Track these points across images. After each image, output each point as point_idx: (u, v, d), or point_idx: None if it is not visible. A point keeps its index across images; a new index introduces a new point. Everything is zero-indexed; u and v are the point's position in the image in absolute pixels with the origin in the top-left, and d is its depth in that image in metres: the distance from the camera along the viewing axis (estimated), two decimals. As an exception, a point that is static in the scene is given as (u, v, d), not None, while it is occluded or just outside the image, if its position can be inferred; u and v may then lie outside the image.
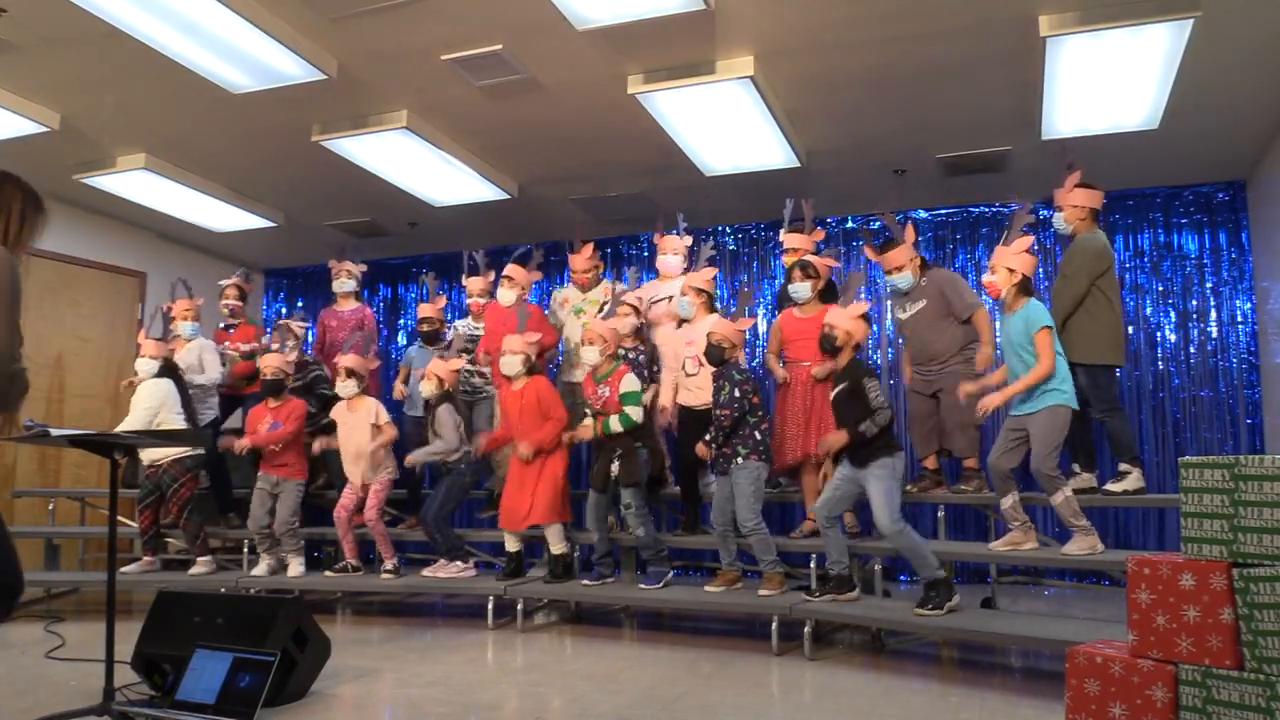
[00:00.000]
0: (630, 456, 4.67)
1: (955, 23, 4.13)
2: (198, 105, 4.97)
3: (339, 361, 5.39)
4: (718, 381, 4.52)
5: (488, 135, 5.48)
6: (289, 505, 5.32)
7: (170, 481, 5.24)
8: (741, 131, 5.09)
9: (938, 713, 3.18)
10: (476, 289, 5.95)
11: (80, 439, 3.15)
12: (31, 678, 3.70)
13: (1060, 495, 3.95)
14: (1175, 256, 6.25)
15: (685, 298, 5.02)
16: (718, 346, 4.51)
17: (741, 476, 4.38)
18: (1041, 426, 3.95)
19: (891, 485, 3.97)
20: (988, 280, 4.17)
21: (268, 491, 5.36)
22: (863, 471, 4.02)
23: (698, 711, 3.19)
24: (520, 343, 5.01)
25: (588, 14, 3.94)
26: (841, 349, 4.17)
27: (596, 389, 4.83)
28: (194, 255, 7.62)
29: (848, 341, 4.16)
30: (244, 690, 3.02)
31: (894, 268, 4.78)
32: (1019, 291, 4.05)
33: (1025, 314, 4.00)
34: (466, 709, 3.25)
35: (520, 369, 4.97)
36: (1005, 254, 4.10)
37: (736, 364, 4.55)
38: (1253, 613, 2.09)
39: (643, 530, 4.73)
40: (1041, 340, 3.93)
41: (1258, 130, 5.29)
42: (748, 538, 4.42)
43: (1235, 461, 2.18)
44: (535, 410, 4.93)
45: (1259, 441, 5.86)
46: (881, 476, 3.97)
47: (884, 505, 3.92)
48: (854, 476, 4.08)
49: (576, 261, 5.68)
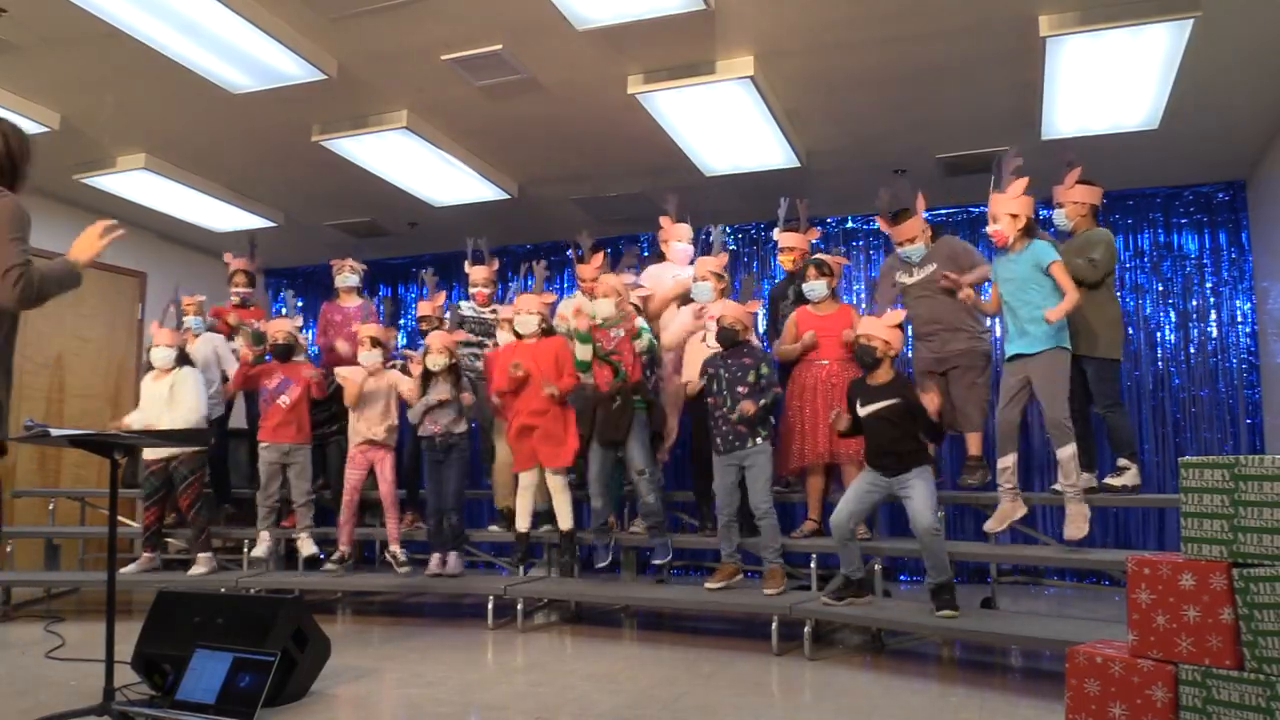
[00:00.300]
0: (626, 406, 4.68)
1: (955, 23, 4.14)
2: (198, 105, 4.97)
3: (360, 331, 5.32)
4: (747, 360, 4.47)
5: (488, 135, 5.48)
6: (306, 473, 5.30)
7: (186, 474, 5.20)
8: (741, 131, 5.10)
9: (938, 713, 3.18)
10: (480, 278, 5.84)
11: (80, 439, 3.14)
12: (31, 678, 3.70)
13: (1069, 449, 3.93)
14: (1175, 256, 6.25)
15: (706, 283, 4.94)
16: (730, 329, 4.48)
17: (760, 459, 4.37)
18: (1046, 373, 3.91)
19: (933, 486, 3.94)
20: (992, 230, 4.08)
21: (278, 462, 5.30)
22: (897, 479, 3.93)
23: (698, 711, 3.19)
24: (537, 302, 5.02)
25: (588, 14, 3.95)
26: (881, 361, 3.98)
27: (608, 332, 4.85)
28: (194, 255, 7.62)
29: (887, 353, 3.97)
30: (244, 690, 3.01)
31: (906, 239, 4.66)
32: (1023, 232, 4.02)
33: (1033, 251, 3.96)
34: (467, 709, 3.25)
35: (536, 329, 4.99)
36: (1004, 200, 4.02)
37: (757, 347, 4.57)
38: (1253, 613, 2.09)
39: (653, 497, 4.74)
40: (1058, 271, 3.88)
41: (1258, 130, 5.29)
42: (761, 520, 4.39)
43: (1235, 461, 2.18)
44: (553, 366, 4.90)
45: (1259, 441, 5.86)
46: (925, 478, 3.89)
47: (929, 507, 3.83)
48: (884, 485, 3.98)
49: (585, 270, 5.54)
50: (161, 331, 5.32)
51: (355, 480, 5.25)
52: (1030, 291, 3.97)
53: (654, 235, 7.32)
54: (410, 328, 7.95)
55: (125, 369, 7.16)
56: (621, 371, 4.75)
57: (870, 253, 6.96)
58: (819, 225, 6.87)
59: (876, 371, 4.00)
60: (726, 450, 4.46)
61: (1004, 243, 4.06)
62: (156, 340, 5.29)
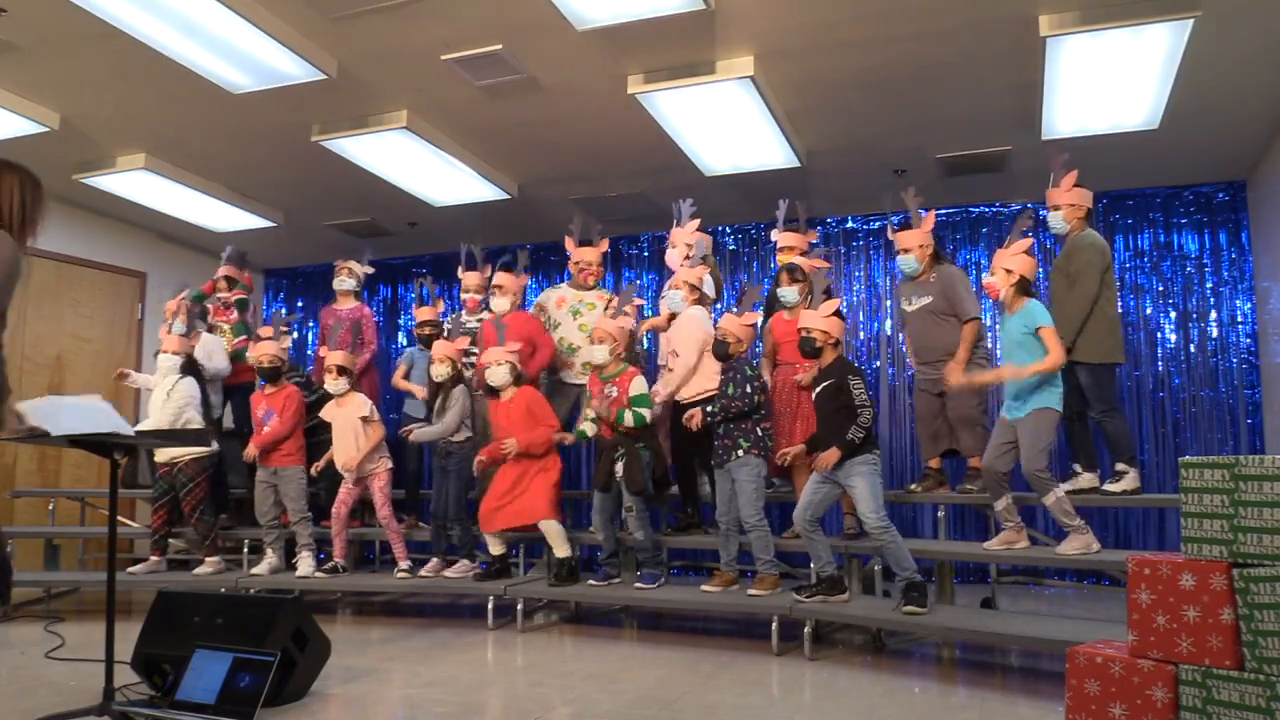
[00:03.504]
0: (634, 459, 4.66)
1: (955, 23, 4.13)
2: (198, 105, 4.96)
3: (327, 359, 5.34)
4: (726, 374, 4.50)
5: (488, 135, 5.48)
6: (296, 493, 5.29)
7: (186, 481, 5.22)
8: (741, 131, 5.09)
9: (938, 713, 3.18)
10: (472, 284, 5.83)
11: (80, 439, 3.14)
12: (31, 678, 3.70)
13: (1052, 496, 3.96)
14: (1175, 256, 6.25)
15: (679, 291, 4.93)
16: (723, 341, 4.50)
17: (743, 473, 4.37)
18: (1029, 430, 3.96)
19: (875, 481, 4.00)
20: (987, 281, 4.17)
21: (269, 484, 5.32)
22: (842, 471, 4.03)
23: (698, 711, 3.19)
24: (502, 353, 4.97)
25: (588, 14, 3.94)
26: (822, 349, 4.21)
27: (603, 388, 4.80)
28: (194, 255, 7.62)
29: (826, 341, 4.20)
30: (244, 690, 3.01)
31: (902, 249, 4.77)
32: (1018, 291, 4.07)
33: (1025, 313, 4.01)
34: (467, 709, 3.25)
35: (508, 378, 4.95)
36: (1003, 256, 4.12)
37: (747, 360, 4.56)
38: (1253, 613, 2.09)
39: (642, 534, 4.73)
40: (1047, 335, 3.94)
41: (1258, 130, 5.29)
42: (749, 534, 4.42)
43: (1235, 461, 2.18)
44: (524, 420, 4.90)
45: (1259, 441, 5.86)
46: (865, 473, 3.99)
47: (870, 500, 3.94)
48: (833, 477, 4.08)
49: (588, 254, 5.53)
50: (169, 338, 5.37)
51: (345, 495, 5.27)
52: (1018, 354, 4.00)
53: (653, 236, 7.37)
54: (410, 327, 7.94)
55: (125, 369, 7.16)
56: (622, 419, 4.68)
57: (870, 253, 6.96)
58: (817, 226, 6.91)
59: (820, 358, 4.25)
60: (716, 464, 4.53)
61: (995, 295, 4.14)
62: (164, 346, 5.37)
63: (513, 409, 4.94)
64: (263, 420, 5.34)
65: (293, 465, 5.32)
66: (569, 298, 5.59)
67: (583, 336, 5.36)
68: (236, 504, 5.98)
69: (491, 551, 5.08)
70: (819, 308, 4.30)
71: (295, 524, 5.31)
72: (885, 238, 6.86)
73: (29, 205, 2.53)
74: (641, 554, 4.83)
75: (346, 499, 5.26)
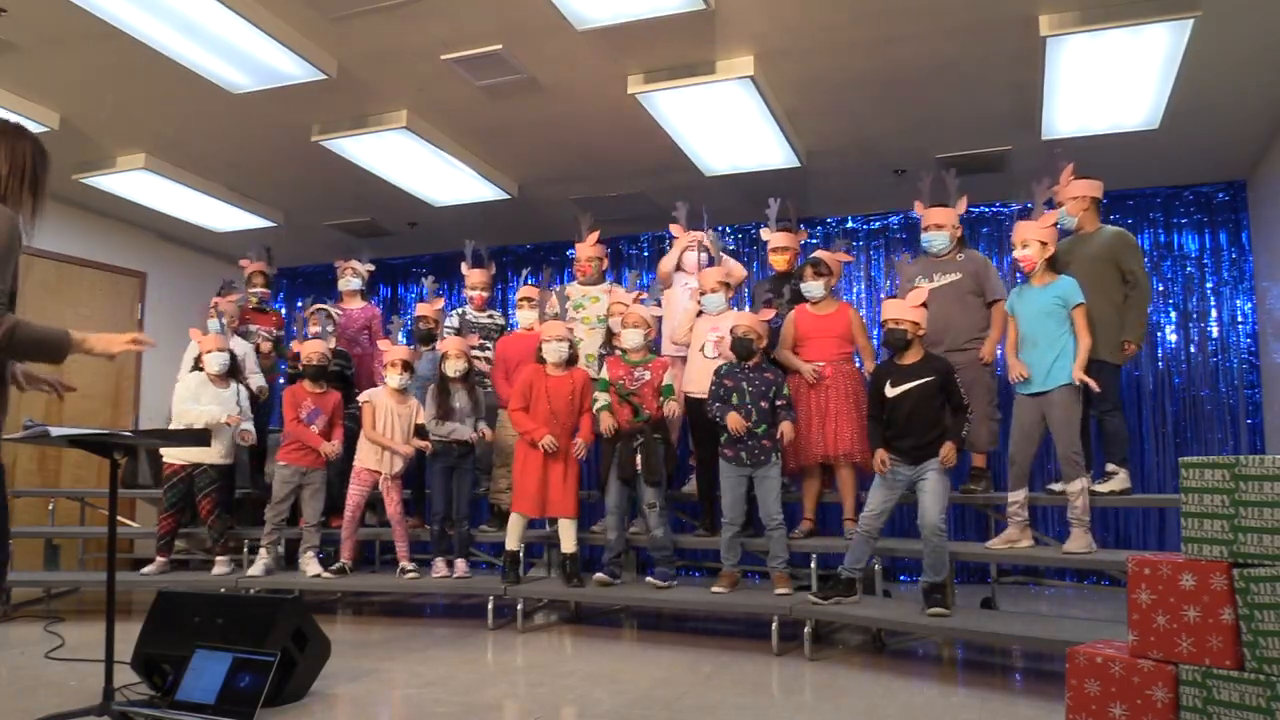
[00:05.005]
0: (652, 449, 4.63)
1: (955, 23, 4.14)
2: (198, 105, 4.97)
3: (389, 354, 5.28)
4: (769, 375, 4.46)
5: (488, 135, 5.48)
6: (320, 495, 5.26)
7: (207, 483, 5.20)
8: (741, 131, 5.09)
9: (938, 713, 3.18)
10: (478, 281, 5.84)
11: (80, 439, 3.14)
12: (31, 678, 3.70)
13: (1079, 484, 3.94)
14: (1175, 256, 6.25)
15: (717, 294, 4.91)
16: (744, 339, 4.43)
17: (774, 471, 4.38)
18: (1061, 407, 3.94)
19: (948, 486, 3.93)
20: (1020, 255, 4.12)
21: (294, 482, 5.23)
22: (919, 466, 3.92)
23: (698, 711, 3.19)
24: (563, 328, 4.93)
25: (588, 14, 3.94)
26: (912, 342, 4.01)
27: (632, 371, 4.78)
28: (194, 255, 7.62)
29: (916, 333, 4.01)
30: (244, 690, 3.01)
31: (933, 224, 4.64)
32: (1047, 265, 4.05)
33: (1061, 286, 4.01)
34: (467, 709, 3.25)
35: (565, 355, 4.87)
36: (1033, 228, 4.07)
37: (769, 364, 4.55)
38: (1253, 613, 2.09)
39: (661, 531, 4.72)
40: (1080, 315, 3.95)
41: (1258, 130, 5.29)
42: (774, 530, 4.40)
43: (1235, 461, 2.18)
44: (572, 401, 4.83)
45: (1259, 441, 5.86)
46: (941, 472, 3.89)
47: (939, 502, 3.86)
48: (905, 476, 3.96)
49: (581, 249, 5.59)
50: (209, 337, 5.29)
51: (358, 498, 5.23)
52: (1049, 323, 4.01)
53: (653, 235, 7.38)
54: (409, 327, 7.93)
55: (125, 369, 7.16)
56: (642, 412, 4.70)
57: (870, 253, 6.95)
58: (816, 225, 6.91)
59: (907, 352, 4.03)
60: (752, 464, 4.39)
61: (1032, 268, 4.11)
62: (205, 345, 5.26)
63: (572, 384, 4.84)
64: (307, 419, 5.27)
65: (320, 469, 5.33)
66: (573, 293, 5.67)
67: (584, 329, 5.43)
68: (236, 504, 5.98)
69: (508, 546, 4.94)
70: (907, 298, 4.11)
71: (310, 527, 5.29)
72: (884, 237, 6.91)
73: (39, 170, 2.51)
74: (658, 552, 4.80)
75: (359, 503, 5.25)
